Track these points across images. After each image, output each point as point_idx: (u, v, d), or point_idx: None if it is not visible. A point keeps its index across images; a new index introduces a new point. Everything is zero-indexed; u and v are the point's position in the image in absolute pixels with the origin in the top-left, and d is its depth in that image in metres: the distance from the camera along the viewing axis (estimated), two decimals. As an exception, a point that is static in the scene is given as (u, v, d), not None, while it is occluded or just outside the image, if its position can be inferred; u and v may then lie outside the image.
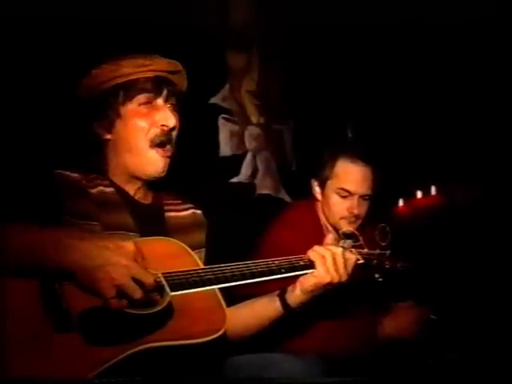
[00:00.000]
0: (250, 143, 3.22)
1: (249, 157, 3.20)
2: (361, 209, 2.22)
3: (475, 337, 2.43)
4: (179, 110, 1.61)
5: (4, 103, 2.15)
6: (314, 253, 1.52)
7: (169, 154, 1.57)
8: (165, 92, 1.57)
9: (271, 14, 3.32)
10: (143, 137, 1.54)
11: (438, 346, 2.24)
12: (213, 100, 3.09)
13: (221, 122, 3.11)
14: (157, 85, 1.55)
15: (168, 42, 2.59)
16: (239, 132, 3.18)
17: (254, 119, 3.26)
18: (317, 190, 2.30)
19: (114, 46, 2.32)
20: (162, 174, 1.57)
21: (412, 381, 1.61)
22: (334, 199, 2.23)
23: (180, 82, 1.64)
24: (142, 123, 1.54)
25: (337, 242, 1.62)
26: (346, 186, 2.21)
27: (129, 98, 1.54)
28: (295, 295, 1.52)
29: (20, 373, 1.14)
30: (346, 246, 1.61)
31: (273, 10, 3.31)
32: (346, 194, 2.21)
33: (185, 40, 2.76)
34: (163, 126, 1.54)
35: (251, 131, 3.23)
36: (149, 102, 1.55)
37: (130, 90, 1.54)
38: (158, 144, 1.54)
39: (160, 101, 1.56)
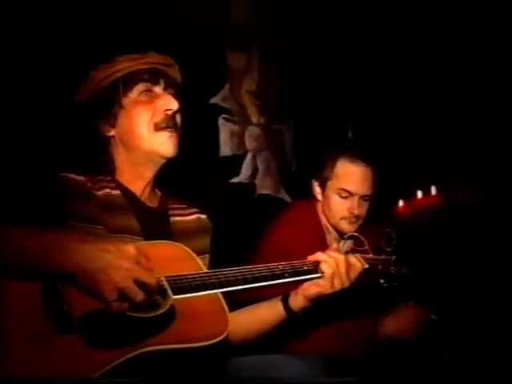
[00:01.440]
0: (250, 143, 3.22)
1: (249, 157, 3.20)
2: (361, 209, 2.22)
3: (476, 337, 2.43)
4: (179, 98, 1.62)
5: (7, 105, 2.14)
6: (322, 264, 1.52)
7: (176, 135, 1.58)
8: (162, 81, 1.59)
9: (271, 13, 3.31)
10: (147, 124, 1.56)
11: (438, 345, 2.24)
12: (213, 100, 3.09)
13: (221, 122, 3.12)
14: (153, 75, 1.59)
15: (168, 42, 2.59)
16: (239, 132, 3.18)
17: (254, 119, 3.26)
18: (317, 190, 2.30)
19: (114, 46, 2.32)
20: (174, 154, 1.58)
21: (412, 381, 1.60)
22: (335, 200, 2.23)
23: (174, 75, 1.67)
24: (145, 112, 1.56)
25: (338, 243, 1.63)
26: (346, 186, 2.20)
27: (128, 88, 1.57)
28: (298, 300, 1.53)
29: (20, 375, 1.14)
30: (346, 247, 1.61)
31: (273, 10, 3.31)
32: (346, 194, 2.21)
33: (185, 40, 2.76)
34: (166, 110, 1.56)
35: (251, 131, 3.24)
36: (148, 91, 1.58)
37: (128, 81, 1.58)
38: (164, 128, 1.56)
39: (159, 89, 1.59)
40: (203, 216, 1.73)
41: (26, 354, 1.16)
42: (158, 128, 1.55)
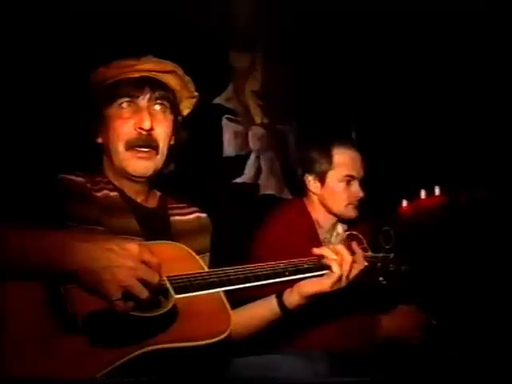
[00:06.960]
0: (253, 143, 3.22)
1: (252, 157, 3.20)
2: (362, 191, 2.29)
3: (475, 337, 2.43)
4: (173, 111, 1.57)
5: (7, 107, 2.15)
6: (331, 262, 1.51)
7: (151, 154, 1.54)
8: (148, 93, 1.53)
9: (274, 13, 3.31)
10: (121, 140, 1.52)
11: (438, 345, 2.25)
12: (217, 100, 3.08)
13: (225, 122, 3.11)
14: (139, 86, 1.52)
15: (171, 43, 2.60)
16: (243, 132, 3.18)
17: (257, 119, 3.27)
18: (315, 184, 2.32)
19: (115, 46, 2.33)
20: (146, 175, 1.55)
21: (412, 381, 1.61)
22: (340, 187, 2.29)
23: (174, 82, 1.61)
24: (121, 127, 1.52)
25: (329, 236, 1.63)
26: (351, 172, 2.28)
27: (111, 99, 1.53)
28: (292, 298, 1.54)
29: (23, 375, 1.14)
30: (338, 239, 1.63)
31: (276, 10, 3.31)
32: (350, 179, 2.28)
33: (188, 40, 2.77)
34: (140, 128, 1.51)
35: (255, 131, 3.24)
36: (132, 102, 1.53)
37: (112, 91, 1.53)
38: (134, 147, 1.52)
39: (143, 102, 1.53)
40: (203, 215, 1.73)
41: (28, 354, 1.17)
42: (128, 147, 1.52)
